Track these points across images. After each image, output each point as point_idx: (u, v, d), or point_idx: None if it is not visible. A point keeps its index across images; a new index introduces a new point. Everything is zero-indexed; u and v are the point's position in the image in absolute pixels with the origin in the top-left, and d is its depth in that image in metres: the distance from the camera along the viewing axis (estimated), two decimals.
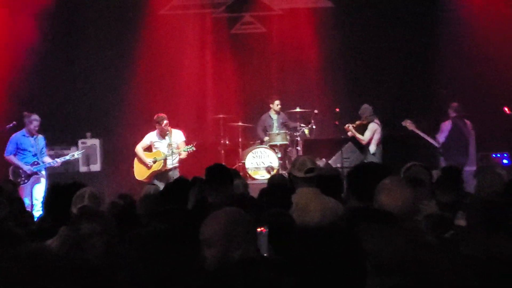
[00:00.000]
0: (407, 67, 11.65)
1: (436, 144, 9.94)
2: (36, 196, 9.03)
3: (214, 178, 4.77)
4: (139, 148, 9.76)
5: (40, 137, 9.33)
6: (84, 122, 11.63)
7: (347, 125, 9.98)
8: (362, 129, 9.93)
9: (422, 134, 9.86)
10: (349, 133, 10.05)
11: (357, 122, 9.99)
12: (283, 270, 2.72)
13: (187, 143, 9.78)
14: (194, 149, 9.64)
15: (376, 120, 9.97)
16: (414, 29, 11.64)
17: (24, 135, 9.16)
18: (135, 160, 9.81)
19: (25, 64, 10.97)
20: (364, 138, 9.87)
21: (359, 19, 11.76)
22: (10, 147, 9.11)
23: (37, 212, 8.12)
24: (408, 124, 9.90)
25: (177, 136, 9.76)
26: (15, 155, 9.13)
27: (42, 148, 9.34)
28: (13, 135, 9.21)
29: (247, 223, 2.62)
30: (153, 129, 9.84)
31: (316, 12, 11.96)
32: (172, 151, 9.58)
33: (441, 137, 10.14)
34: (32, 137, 9.19)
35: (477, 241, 2.16)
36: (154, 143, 9.78)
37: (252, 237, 2.62)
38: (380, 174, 4.59)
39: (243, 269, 2.43)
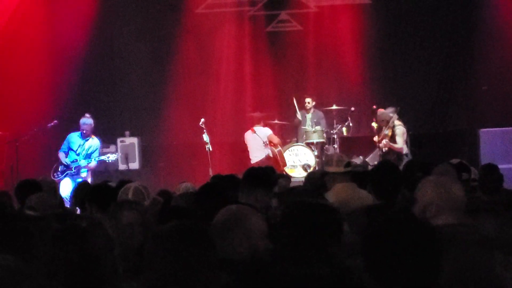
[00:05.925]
0: (446, 64, 11.47)
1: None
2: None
3: (246, 181, 4.56)
4: None
5: (95, 140, 9.44)
6: (123, 121, 11.81)
7: (382, 143, 9.56)
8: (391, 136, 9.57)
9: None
10: (382, 145, 9.63)
11: (389, 134, 9.54)
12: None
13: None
14: None
15: (398, 121, 9.61)
16: (454, 25, 11.46)
17: (77, 135, 9.43)
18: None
19: (66, 64, 11.20)
20: (398, 145, 9.46)
21: (397, 15, 11.62)
22: (63, 145, 9.50)
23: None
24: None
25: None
26: (67, 153, 9.43)
27: (93, 152, 9.40)
28: (69, 134, 9.52)
29: None
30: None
31: (352, 9, 11.87)
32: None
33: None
34: (84, 138, 9.39)
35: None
36: None
37: None
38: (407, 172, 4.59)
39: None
